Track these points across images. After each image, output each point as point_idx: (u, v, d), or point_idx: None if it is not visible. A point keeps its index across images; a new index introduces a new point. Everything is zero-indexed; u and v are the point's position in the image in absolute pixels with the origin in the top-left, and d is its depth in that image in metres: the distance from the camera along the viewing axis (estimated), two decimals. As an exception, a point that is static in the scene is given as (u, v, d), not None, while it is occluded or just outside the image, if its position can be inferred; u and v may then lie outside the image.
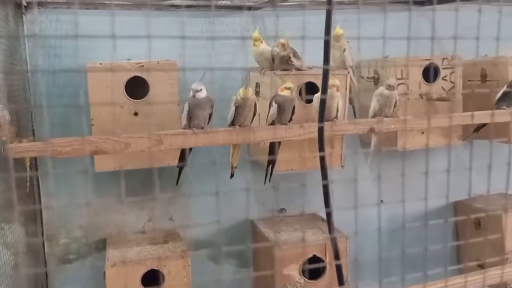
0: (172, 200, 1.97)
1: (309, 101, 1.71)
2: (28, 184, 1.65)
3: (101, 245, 1.89)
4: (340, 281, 0.97)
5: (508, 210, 2.04)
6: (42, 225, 1.82)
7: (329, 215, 0.98)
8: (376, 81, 1.94)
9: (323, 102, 0.97)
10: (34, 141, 1.64)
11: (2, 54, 1.55)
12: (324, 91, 0.94)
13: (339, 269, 0.97)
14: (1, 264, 1.48)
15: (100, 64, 1.59)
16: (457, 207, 2.34)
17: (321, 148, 0.95)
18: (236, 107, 1.50)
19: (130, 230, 1.94)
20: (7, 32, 1.60)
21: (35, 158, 1.75)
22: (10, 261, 1.60)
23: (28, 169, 1.66)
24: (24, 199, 1.67)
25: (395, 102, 1.67)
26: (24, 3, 1.73)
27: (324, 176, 0.93)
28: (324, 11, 0.88)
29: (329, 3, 0.88)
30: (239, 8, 1.95)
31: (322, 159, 0.95)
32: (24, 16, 1.74)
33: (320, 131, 0.97)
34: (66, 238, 1.87)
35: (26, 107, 1.73)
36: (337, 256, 0.98)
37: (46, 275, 1.84)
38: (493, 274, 1.36)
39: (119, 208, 1.92)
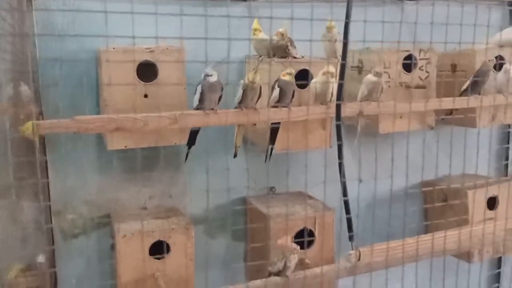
0: (172, 179, 2.09)
1: (302, 86, 1.87)
2: (38, 164, 1.73)
3: (105, 220, 1.99)
4: (350, 228, 1.19)
5: (471, 187, 2.28)
6: (49, 201, 1.90)
7: (344, 184, 1.18)
8: (360, 70, 2.13)
9: (340, 86, 1.14)
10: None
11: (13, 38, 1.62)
12: (342, 77, 1.11)
13: (349, 220, 1.19)
14: (12, 239, 1.56)
15: (114, 48, 1.68)
16: (424, 186, 2.57)
17: (338, 118, 1.13)
18: (244, 90, 1.64)
19: (131, 207, 2.05)
20: (19, 17, 1.67)
21: (44, 138, 1.84)
22: (19, 236, 1.68)
23: (37, 148, 1.73)
24: (34, 178, 1.75)
25: (381, 88, 1.85)
26: (33, -12, 1.80)
27: (340, 155, 1.12)
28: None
29: (347, 17, 1.08)
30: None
31: (339, 130, 1.12)
32: (33, 0, 1.81)
33: (338, 108, 1.14)
34: (72, 214, 1.96)
35: (36, 88, 1.80)
36: (347, 211, 1.19)
37: (53, 249, 1.93)
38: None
39: (121, 186, 2.02)
